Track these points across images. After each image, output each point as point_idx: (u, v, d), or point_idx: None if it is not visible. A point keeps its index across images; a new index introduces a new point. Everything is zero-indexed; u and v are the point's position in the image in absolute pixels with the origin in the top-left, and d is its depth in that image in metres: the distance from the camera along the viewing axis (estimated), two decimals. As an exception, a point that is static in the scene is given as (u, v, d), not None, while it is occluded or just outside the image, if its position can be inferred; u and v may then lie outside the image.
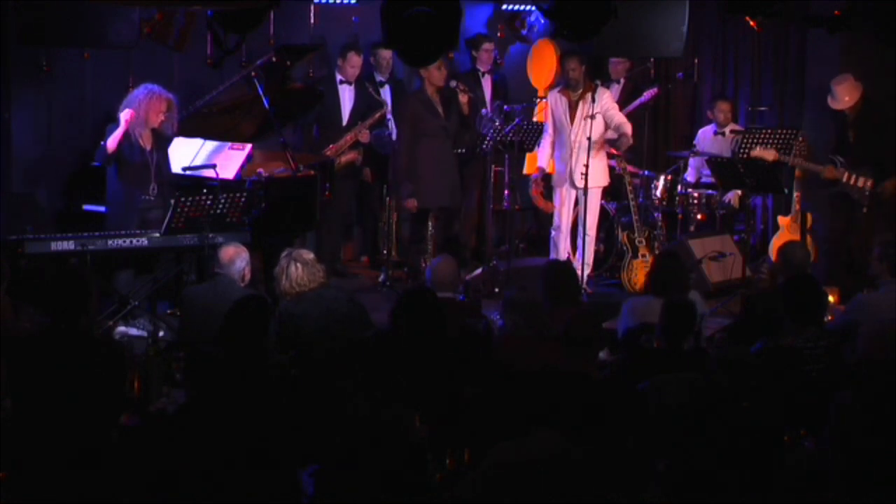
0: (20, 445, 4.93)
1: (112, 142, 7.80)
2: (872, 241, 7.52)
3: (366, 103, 9.65)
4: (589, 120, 9.07)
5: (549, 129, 9.40)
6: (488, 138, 9.38)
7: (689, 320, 5.87)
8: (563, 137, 9.29)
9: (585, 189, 9.17)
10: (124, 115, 7.81)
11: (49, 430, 4.95)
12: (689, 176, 10.18)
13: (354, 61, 9.63)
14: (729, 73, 10.81)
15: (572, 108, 9.26)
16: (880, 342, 5.97)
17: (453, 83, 9.49)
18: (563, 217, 9.38)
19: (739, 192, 9.63)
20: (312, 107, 9.56)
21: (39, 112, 8.95)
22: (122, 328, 7.91)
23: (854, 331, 6.38)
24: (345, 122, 9.67)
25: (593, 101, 9.07)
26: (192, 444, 4.58)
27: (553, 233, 9.51)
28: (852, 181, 9.09)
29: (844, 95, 9.15)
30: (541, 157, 9.46)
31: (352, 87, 9.69)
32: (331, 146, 9.49)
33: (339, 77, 9.68)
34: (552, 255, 9.49)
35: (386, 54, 9.73)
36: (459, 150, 9.69)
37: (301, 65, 9.35)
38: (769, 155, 9.08)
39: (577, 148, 9.18)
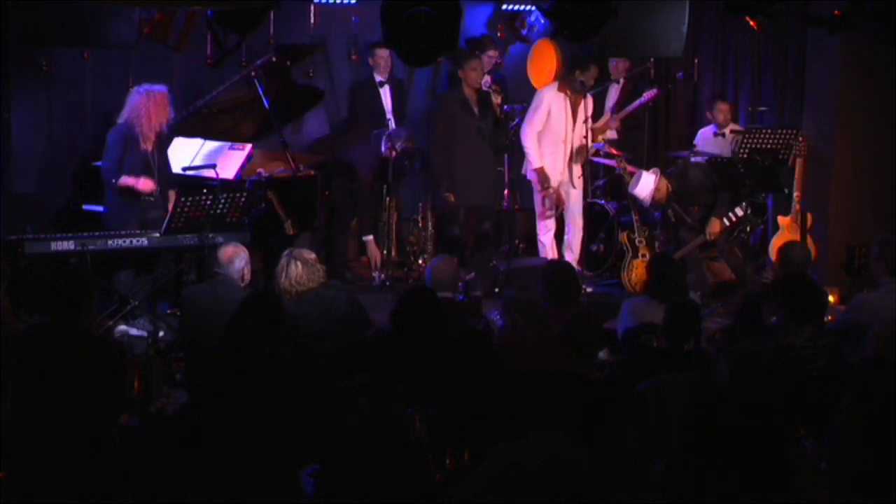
0: (20, 445, 4.93)
1: (125, 182, 7.85)
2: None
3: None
4: (585, 123, 9.15)
5: (537, 126, 9.32)
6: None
7: (693, 321, 5.87)
8: (559, 138, 9.27)
9: (585, 188, 9.29)
10: (144, 186, 7.86)
11: (49, 430, 4.95)
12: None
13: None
14: (729, 73, 10.80)
15: (574, 111, 9.27)
16: (887, 342, 5.96)
17: (486, 85, 9.43)
18: (554, 219, 9.41)
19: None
20: (312, 107, 9.57)
21: (39, 112, 8.95)
22: (122, 327, 7.91)
23: (854, 330, 6.38)
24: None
25: (584, 100, 9.17)
26: (192, 444, 4.58)
27: (546, 237, 9.51)
28: (734, 220, 9.18)
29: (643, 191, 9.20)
30: (536, 157, 9.34)
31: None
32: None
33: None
34: (545, 254, 9.52)
35: (384, 54, 9.73)
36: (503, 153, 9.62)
37: (301, 65, 9.35)
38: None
39: (575, 150, 9.22)
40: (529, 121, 9.39)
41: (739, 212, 9.18)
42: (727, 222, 9.19)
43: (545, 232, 9.52)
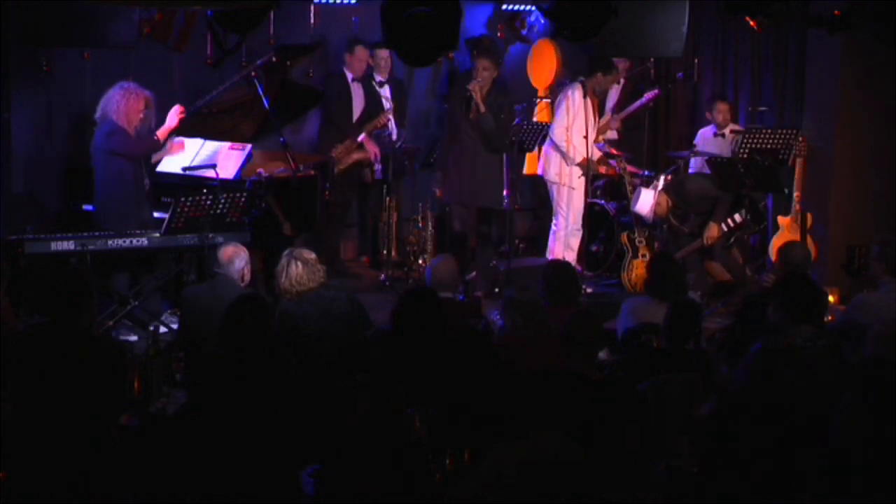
0: (20, 445, 4.93)
1: (163, 132, 8.02)
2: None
3: (375, 103, 9.67)
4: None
5: (566, 122, 9.34)
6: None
7: (694, 322, 5.88)
8: (580, 137, 9.31)
9: (585, 189, 9.36)
10: (176, 113, 8.04)
11: (49, 430, 4.95)
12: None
13: (362, 55, 9.65)
14: (729, 73, 10.80)
15: (595, 113, 9.33)
16: (887, 342, 5.97)
17: (469, 87, 9.35)
18: (570, 215, 9.46)
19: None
20: (312, 107, 9.57)
21: (39, 112, 8.94)
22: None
23: (854, 330, 6.38)
24: (355, 119, 9.68)
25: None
26: (192, 444, 4.58)
27: (561, 232, 9.54)
28: (732, 225, 9.19)
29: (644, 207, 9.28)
30: (574, 152, 9.40)
31: (360, 86, 9.70)
32: (338, 146, 9.50)
33: (349, 75, 9.68)
34: (554, 252, 9.53)
35: (384, 54, 9.73)
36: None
37: (301, 65, 9.35)
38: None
39: (587, 148, 9.30)
40: (560, 120, 9.40)
41: (738, 218, 9.20)
42: (725, 228, 9.20)
43: (562, 228, 9.55)
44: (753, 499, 4.51)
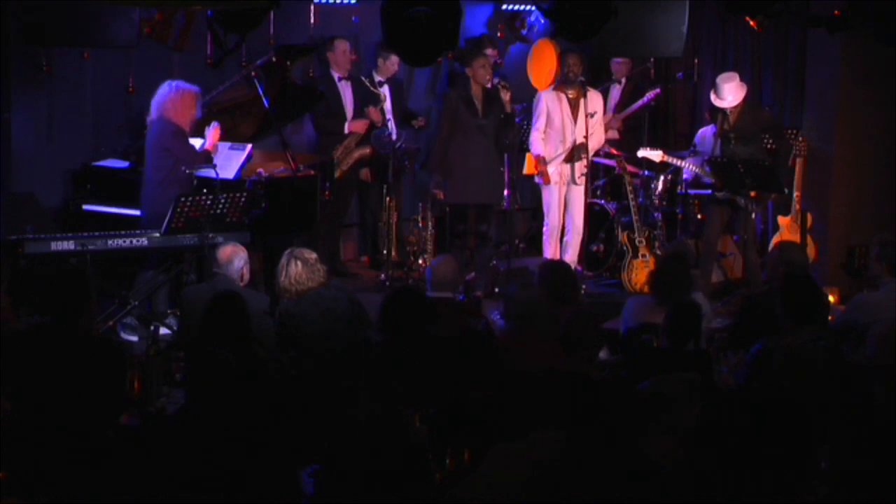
0: (20, 445, 4.93)
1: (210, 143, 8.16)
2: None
3: (366, 97, 9.68)
4: (589, 118, 9.17)
5: (541, 125, 9.39)
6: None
7: (695, 322, 5.87)
8: (563, 136, 9.30)
9: (586, 188, 9.30)
10: (216, 130, 8.20)
11: (49, 429, 4.95)
12: (689, 176, 10.17)
13: (342, 47, 9.64)
14: (729, 73, 10.80)
15: (573, 108, 9.30)
16: (887, 342, 5.97)
17: (496, 80, 9.44)
18: (558, 215, 9.44)
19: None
20: (312, 107, 9.57)
21: (39, 112, 8.95)
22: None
23: (854, 330, 6.38)
24: (349, 118, 9.70)
25: (584, 97, 9.23)
26: (192, 444, 4.58)
27: (547, 230, 9.54)
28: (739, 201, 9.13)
29: (728, 94, 9.12)
30: (540, 149, 9.44)
31: (349, 84, 9.70)
32: (338, 147, 9.51)
33: (336, 75, 9.68)
34: (547, 252, 9.52)
35: (395, 59, 9.71)
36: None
37: (301, 65, 9.35)
38: (655, 156, 9.32)
39: (574, 147, 9.25)
40: (533, 126, 9.44)
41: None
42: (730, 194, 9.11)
43: (548, 227, 9.56)
44: (753, 499, 4.50)
